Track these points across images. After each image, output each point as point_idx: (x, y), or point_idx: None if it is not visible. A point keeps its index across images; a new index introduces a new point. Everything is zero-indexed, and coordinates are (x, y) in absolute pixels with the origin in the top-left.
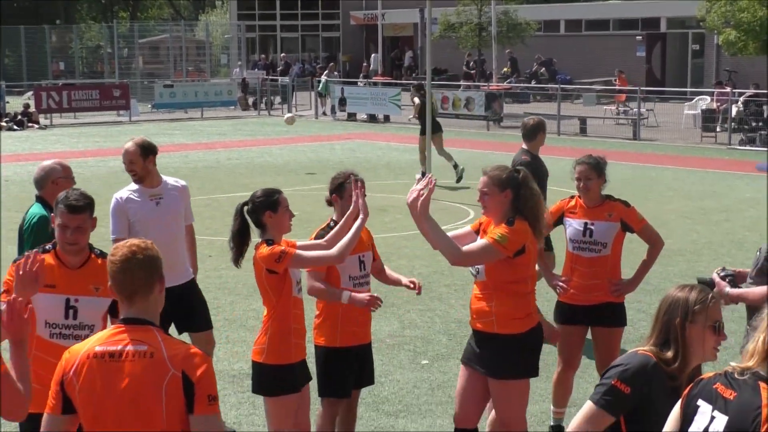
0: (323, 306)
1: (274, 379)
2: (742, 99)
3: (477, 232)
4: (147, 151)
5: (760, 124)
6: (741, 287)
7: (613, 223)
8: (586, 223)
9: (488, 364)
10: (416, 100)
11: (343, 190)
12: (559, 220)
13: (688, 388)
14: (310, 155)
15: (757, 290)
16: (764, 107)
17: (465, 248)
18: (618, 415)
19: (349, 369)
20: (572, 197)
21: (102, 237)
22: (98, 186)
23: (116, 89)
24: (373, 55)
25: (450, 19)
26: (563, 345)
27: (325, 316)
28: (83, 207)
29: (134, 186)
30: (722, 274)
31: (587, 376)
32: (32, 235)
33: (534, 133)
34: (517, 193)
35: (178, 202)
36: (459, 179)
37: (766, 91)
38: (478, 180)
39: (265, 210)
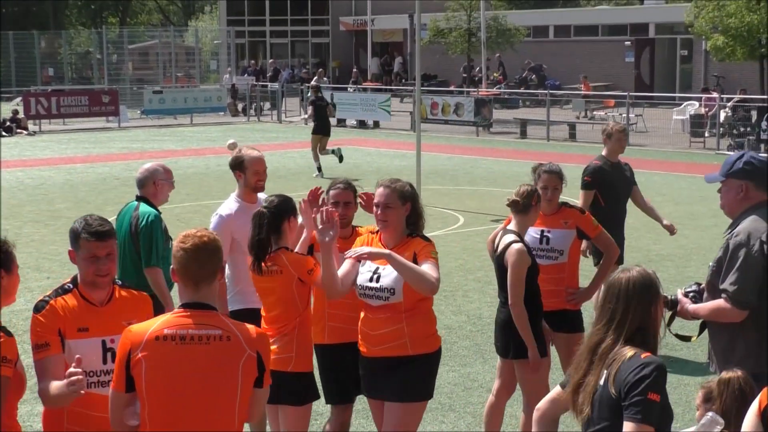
0: (313, 305)
1: (306, 386)
2: (730, 104)
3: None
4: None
5: (748, 129)
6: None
7: (569, 231)
8: (542, 231)
9: (400, 388)
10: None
11: (327, 196)
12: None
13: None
14: (300, 161)
15: (705, 306)
16: (752, 112)
17: (431, 274)
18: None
19: (341, 366)
20: None
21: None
22: (86, 192)
23: (105, 95)
24: (370, 59)
25: (439, 25)
26: None
27: (313, 313)
28: (110, 231)
29: (234, 202)
30: (686, 290)
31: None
32: (149, 233)
33: (607, 138)
34: (414, 206)
35: None
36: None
37: (753, 96)
38: (454, 186)
39: (289, 215)
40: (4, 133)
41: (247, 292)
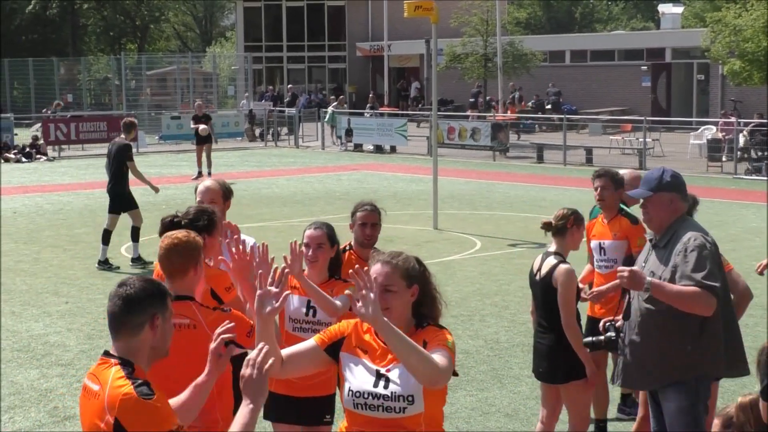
0: None
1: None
2: (747, 129)
3: (330, 349)
4: (228, 193)
5: (766, 153)
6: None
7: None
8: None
9: None
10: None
11: (354, 217)
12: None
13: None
14: (317, 186)
15: (675, 288)
16: None
17: (438, 361)
18: None
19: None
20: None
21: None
22: (104, 218)
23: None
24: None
25: (456, 50)
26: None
27: None
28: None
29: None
30: (608, 336)
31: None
32: None
33: None
34: (424, 288)
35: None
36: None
37: None
38: (470, 210)
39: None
40: (23, 159)
41: None
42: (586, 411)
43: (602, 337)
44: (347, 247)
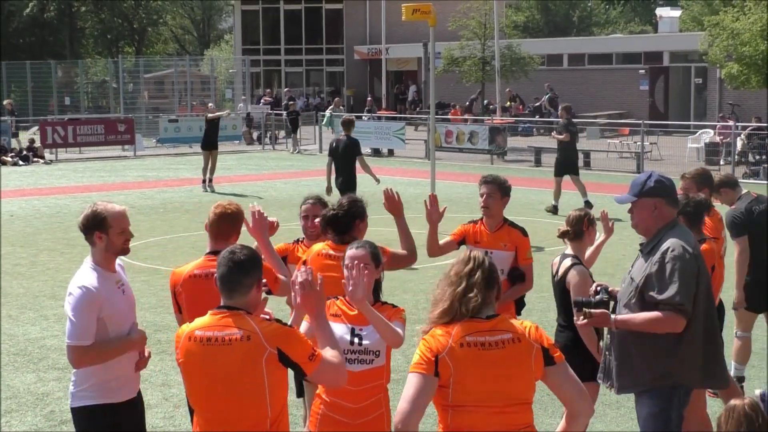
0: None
1: None
2: (745, 132)
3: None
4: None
5: (764, 157)
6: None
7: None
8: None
9: None
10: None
11: (300, 209)
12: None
13: None
14: (315, 189)
15: (639, 317)
16: (767, 140)
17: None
18: None
19: None
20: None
21: None
22: None
23: (121, 124)
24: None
25: (453, 54)
26: None
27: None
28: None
29: (95, 269)
30: (598, 298)
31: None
32: None
33: None
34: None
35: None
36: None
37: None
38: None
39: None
40: (21, 162)
41: (105, 385)
42: None
43: (592, 299)
44: (298, 239)
